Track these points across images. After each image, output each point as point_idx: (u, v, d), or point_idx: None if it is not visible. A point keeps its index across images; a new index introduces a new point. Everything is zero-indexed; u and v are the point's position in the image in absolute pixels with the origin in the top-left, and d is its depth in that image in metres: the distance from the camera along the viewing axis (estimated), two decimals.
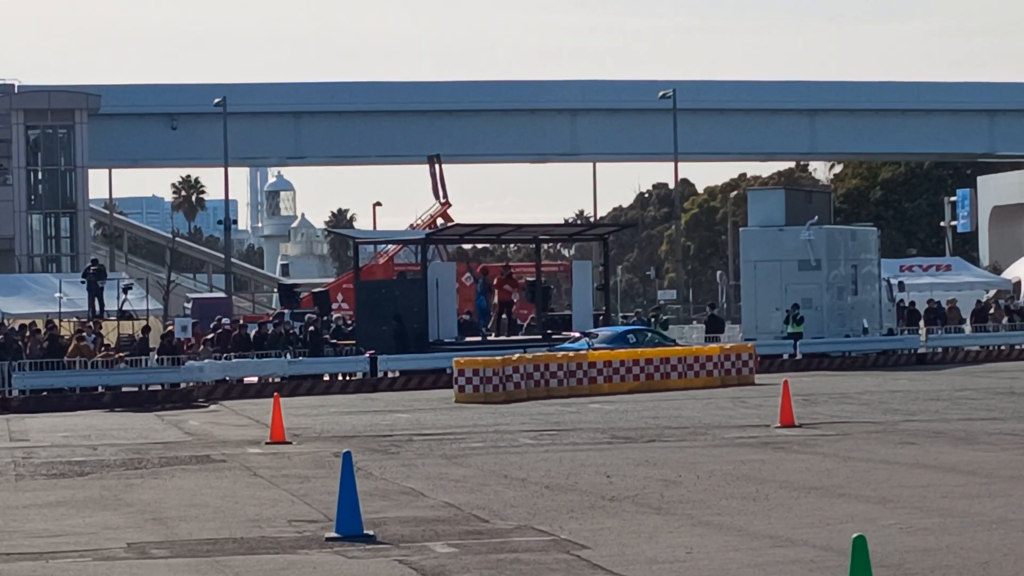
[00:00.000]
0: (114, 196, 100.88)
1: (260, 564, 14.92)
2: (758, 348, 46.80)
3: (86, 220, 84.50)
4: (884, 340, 54.55)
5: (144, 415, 38.32)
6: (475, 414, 34.38)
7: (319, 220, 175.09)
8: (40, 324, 46.91)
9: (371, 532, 16.31)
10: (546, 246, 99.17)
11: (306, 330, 49.04)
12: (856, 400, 35.67)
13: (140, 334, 46.08)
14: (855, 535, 10.34)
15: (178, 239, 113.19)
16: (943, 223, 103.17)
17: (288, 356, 46.71)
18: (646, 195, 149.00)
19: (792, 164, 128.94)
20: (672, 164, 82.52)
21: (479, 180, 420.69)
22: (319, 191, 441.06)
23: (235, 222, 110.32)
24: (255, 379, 45.87)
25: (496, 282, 53.35)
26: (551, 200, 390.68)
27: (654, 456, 24.03)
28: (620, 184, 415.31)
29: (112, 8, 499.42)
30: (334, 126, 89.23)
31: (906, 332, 56.27)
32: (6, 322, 48.16)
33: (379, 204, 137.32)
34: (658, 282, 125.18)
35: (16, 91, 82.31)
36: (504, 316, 52.60)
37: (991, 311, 59.30)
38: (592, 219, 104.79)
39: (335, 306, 65.02)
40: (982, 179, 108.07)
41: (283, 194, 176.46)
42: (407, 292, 51.33)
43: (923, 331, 56.61)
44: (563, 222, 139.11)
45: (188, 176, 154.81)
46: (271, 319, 56.28)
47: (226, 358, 45.94)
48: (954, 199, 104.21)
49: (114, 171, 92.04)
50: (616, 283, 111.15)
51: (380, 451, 26.11)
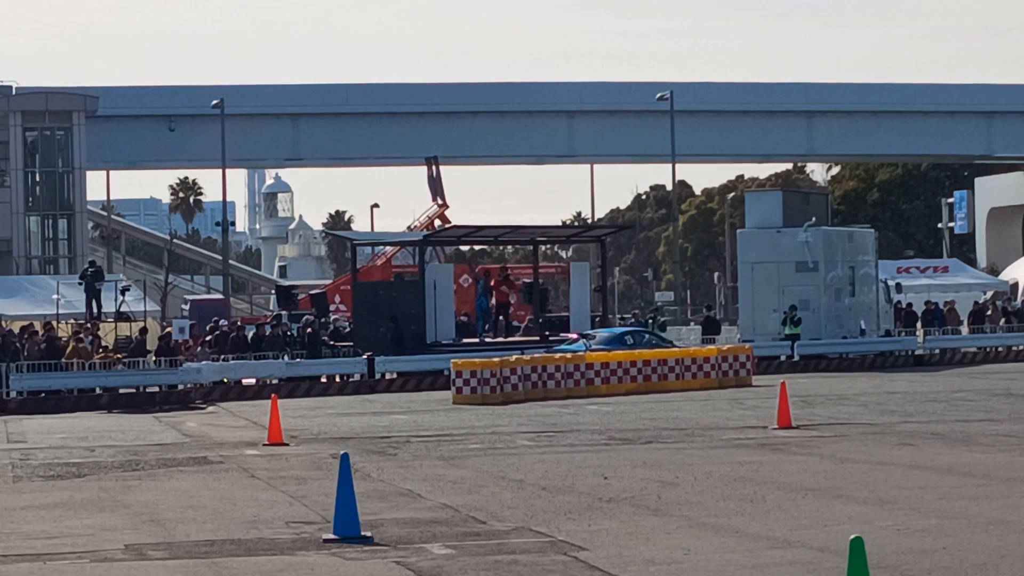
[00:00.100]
0: (112, 198, 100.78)
1: (257, 566, 14.92)
2: (755, 349, 46.77)
3: (84, 222, 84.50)
4: (881, 342, 54.56)
5: (142, 417, 38.31)
6: (473, 415, 34.39)
7: (317, 222, 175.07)
8: (38, 326, 46.88)
9: (368, 534, 16.32)
10: (543, 248, 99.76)
11: (304, 332, 49.04)
12: (853, 401, 35.67)
13: (137, 335, 46.05)
14: (852, 536, 10.35)
15: (176, 241, 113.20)
16: (940, 225, 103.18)
17: (286, 358, 46.72)
18: (643, 197, 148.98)
19: (789, 166, 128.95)
20: (670, 166, 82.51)
21: (477, 182, 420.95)
22: (317, 193, 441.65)
23: (233, 224, 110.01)
24: (253, 381, 45.88)
25: (493, 283, 53.33)
26: (549, 202, 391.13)
27: (651, 457, 24.03)
28: (617, 186, 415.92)
29: (110, 10, 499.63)
30: (332, 128, 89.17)
31: (903, 334, 56.29)
32: (4, 324, 48.13)
33: (377, 206, 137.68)
34: (655, 284, 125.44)
35: (14, 93, 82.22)
36: (501, 318, 52.59)
37: (988, 313, 59.31)
38: (589, 221, 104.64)
39: (333, 308, 65.00)
40: (979, 181, 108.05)
41: (281, 196, 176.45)
42: (405, 294, 51.35)
43: (920, 333, 56.62)
44: (560, 224, 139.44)
45: (186, 178, 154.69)
46: (269, 321, 56.30)
47: (224, 360, 45.93)
48: (951, 201, 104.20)
49: (112, 173, 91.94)
50: (613, 285, 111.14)
51: (378, 452, 26.11)
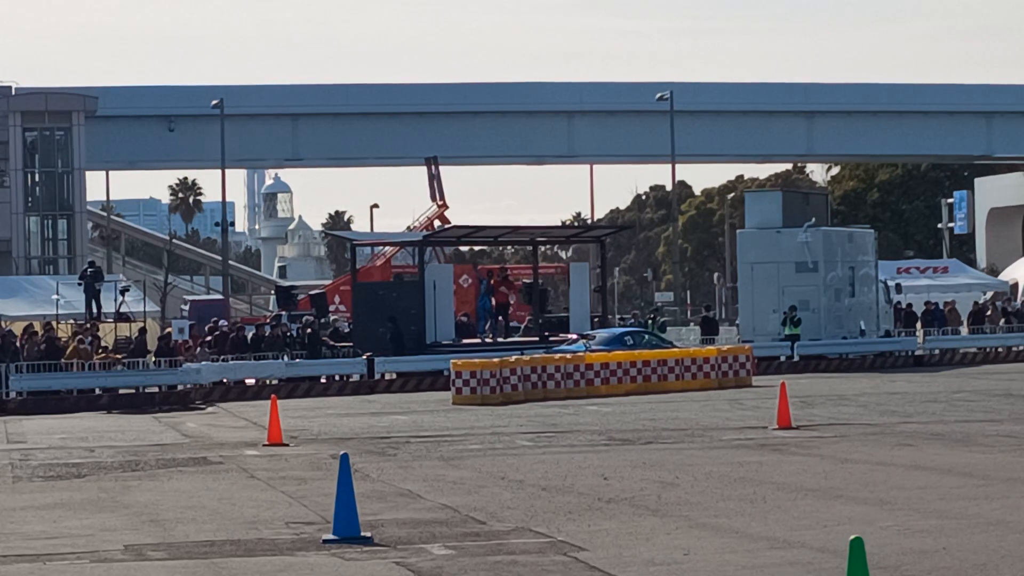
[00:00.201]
0: (111, 198, 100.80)
1: (257, 566, 14.91)
2: (755, 350, 46.76)
3: (83, 222, 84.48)
4: (881, 342, 54.55)
5: (141, 417, 38.31)
6: (472, 416, 34.38)
7: (316, 222, 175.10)
8: (38, 326, 46.86)
9: (368, 534, 16.31)
10: (543, 248, 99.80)
11: (303, 332, 49.03)
12: (853, 402, 35.66)
13: (136, 335, 46.03)
14: (852, 537, 10.35)
15: (175, 241, 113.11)
16: (940, 225, 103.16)
17: (285, 358, 46.72)
18: (643, 197, 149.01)
19: (789, 166, 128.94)
20: (669, 166, 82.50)
21: (476, 182, 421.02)
22: (316, 193, 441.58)
23: (232, 224, 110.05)
24: (252, 381, 45.88)
25: (493, 284, 53.34)
26: (548, 202, 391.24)
27: (651, 458, 24.02)
28: (617, 186, 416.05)
29: (110, 10, 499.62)
30: (331, 128, 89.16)
31: (903, 334, 56.29)
32: (3, 324, 48.12)
33: (376, 206, 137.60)
34: (655, 284, 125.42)
35: (13, 93, 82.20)
36: (500, 318, 52.59)
37: (988, 313, 59.31)
38: (589, 221, 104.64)
39: (332, 308, 65.00)
40: (979, 181, 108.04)
41: (280, 196, 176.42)
42: (404, 294, 51.34)
43: (920, 333, 56.62)
44: (560, 224, 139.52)
45: (185, 178, 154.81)
46: (268, 321, 56.30)
47: (223, 360, 45.93)
48: (951, 201, 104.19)
49: (111, 173, 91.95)
50: (613, 285, 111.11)
51: (377, 453, 26.10)
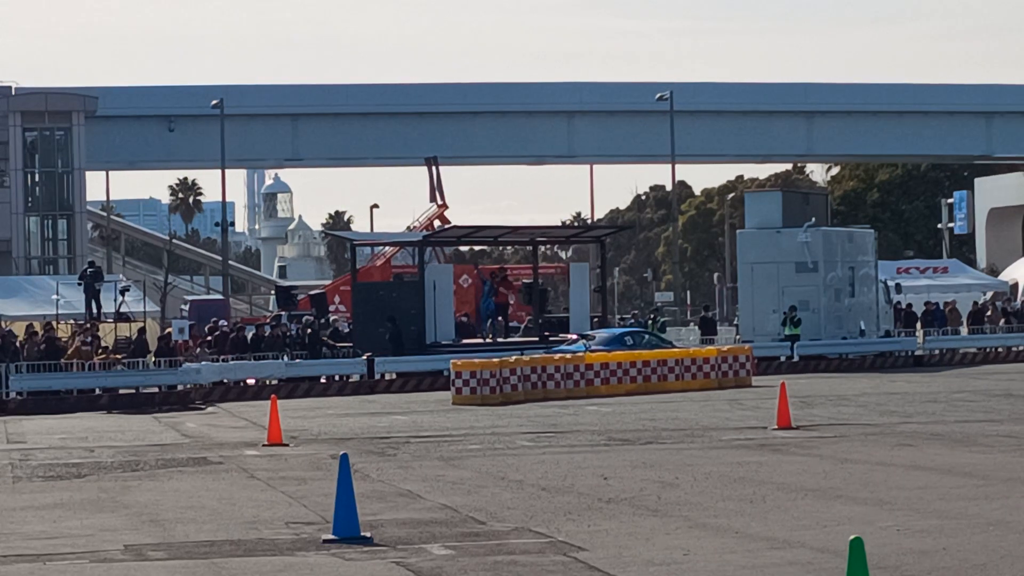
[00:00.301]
0: (111, 198, 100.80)
1: (257, 566, 14.91)
2: (755, 350, 46.77)
3: (83, 222, 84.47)
4: (881, 342, 54.56)
5: (141, 417, 38.31)
6: (472, 416, 34.39)
7: (316, 222, 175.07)
8: (38, 326, 46.86)
9: (368, 534, 16.31)
10: (543, 248, 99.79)
11: (304, 332, 49.02)
12: (853, 402, 35.66)
13: (136, 335, 46.01)
14: (852, 537, 10.35)
15: (175, 241, 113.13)
16: (940, 225, 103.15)
17: (285, 358, 46.72)
18: (643, 197, 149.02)
19: (789, 166, 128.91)
20: (669, 166, 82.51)
21: (476, 182, 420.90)
22: (316, 193, 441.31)
23: (232, 224, 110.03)
24: (252, 381, 45.88)
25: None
26: (548, 202, 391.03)
27: (651, 458, 24.02)
28: (617, 186, 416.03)
29: (110, 10, 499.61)
30: (331, 128, 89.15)
31: (903, 334, 56.30)
32: (3, 324, 48.11)
33: (376, 206, 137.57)
34: (655, 284, 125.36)
35: (13, 93, 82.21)
36: (500, 318, 52.60)
37: (988, 313, 59.32)
38: (589, 221, 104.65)
39: (332, 308, 64.99)
40: (979, 181, 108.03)
41: (280, 196, 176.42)
42: (404, 294, 51.35)
43: (920, 333, 56.64)
44: (560, 224, 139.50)
45: (185, 178, 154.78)
46: (268, 321, 56.30)
47: (223, 360, 45.93)
48: (951, 201, 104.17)
49: (111, 173, 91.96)
50: (613, 285, 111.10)
51: (377, 453, 26.10)
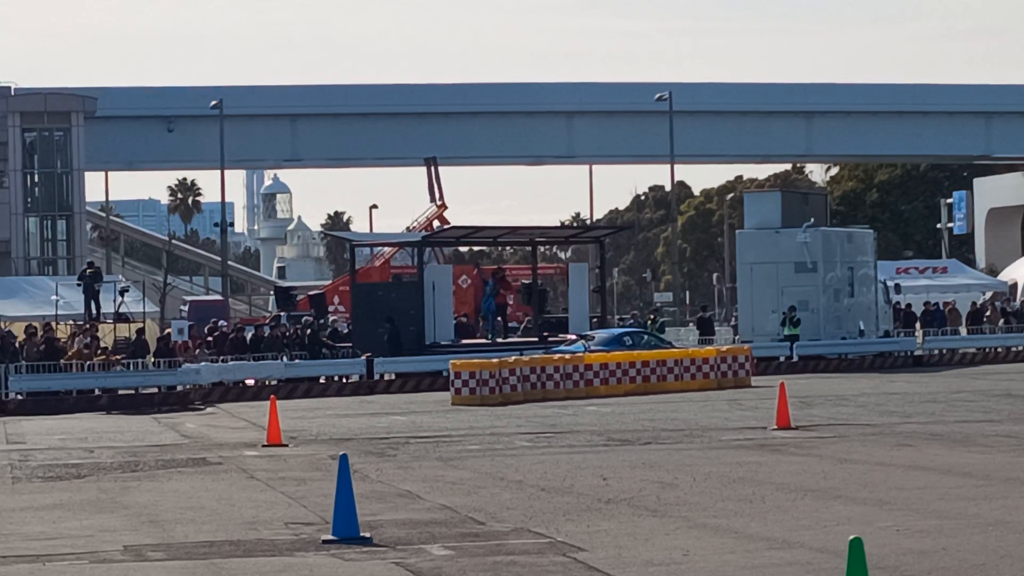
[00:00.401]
0: (110, 199, 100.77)
1: (256, 567, 14.90)
2: (754, 350, 46.78)
3: (82, 223, 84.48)
4: (880, 342, 54.57)
5: (141, 418, 38.30)
6: (472, 416, 34.38)
7: (315, 222, 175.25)
8: (38, 327, 46.83)
9: (367, 534, 16.30)
10: (542, 248, 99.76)
11: (303, 332, 49.01)
12: (853, 402, 35.66)
13: (134, 335, 45.99)
14: (852, 537, 10.34)
15: (174, 242, 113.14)
16: (939, 225, 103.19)
17: (285, 359, 46.71)
18: (642, 197, 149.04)
19: (788, 166, 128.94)
20: (668, 166, 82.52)
21: (475, 182, 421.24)
22: (315, 193, 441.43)
23: (231, 225, 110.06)
24: (252, 382, 45.87)
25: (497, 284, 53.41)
26: (547, 202, 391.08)
27: (650, 458, 24.02)
28: (616, 186, 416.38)
29: (109, 10, 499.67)
30: (330, 128, 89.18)
31: (902, 334, 56.30)
32: (3, 325, 48.10)
33: (375, 206, 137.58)
34: (654, 284, 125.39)
35: (12, 94, 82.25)
36: (499, 319, 52.63)
37: (987, 313, 59.33)
38: (588, 221, 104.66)
39: (331, 309, 65.01)
40: (978, 181, 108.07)
41: (279, 196, 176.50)
42: (404, 294, 51.34)
43: (919, 333, 56.65)
44: (559, 224, 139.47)
45: (184, 179, 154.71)
46: (268, 322, 56.29)
47: (223, 361, 45.93)
48: (950, 201, 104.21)
49: (110, 174, 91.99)
50: (612, 285, 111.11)
51: (376, 453, 26.10)
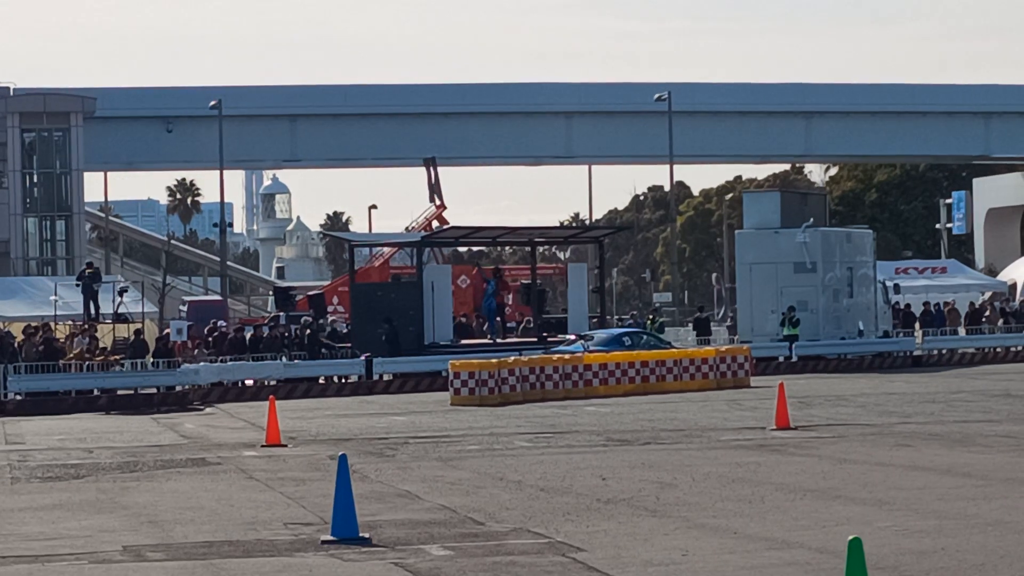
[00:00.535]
0: (109, 199, 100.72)
1: (256, 567, 14.90)
2: (754, 350, 46.77)
3: (81, 223, 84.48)
4: (880, 342, 54.58)
5: (140, 418, 38.30)
6: (471, 417, 34.38)
7: (314, 223, 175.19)
8: (37, 327, 46.80)
9: (367, 535, 16.30)
10: (541, 248, 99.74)
11: (302, 333, 49.02)
12: (852, 402, 35.66)
13: (133, 336, 46.00)
14: (851, 537, 10.34)
15: (173, 242, 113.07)
16: (938, 225, 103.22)
17: (284, 359, 46.70)
18: (641, 198, 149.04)
19: (787, 166, 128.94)
20: (667, 166, 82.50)
21: (474, 182, 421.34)
22: (314, 194, 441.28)
23: (230, 225, 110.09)
24: (251, 382, 45.88)
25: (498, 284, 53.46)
26: (546, 203, 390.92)
27: (650, 458, 24.02)
28: (615, 187, 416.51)
29: (109, 10, 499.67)
30: (329, 129, 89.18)
31: (902, 334, 56.31)
32: (2, 325, 48.10)
33: (374, 207, 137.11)
34: (653, 285, 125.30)
35: (11, 94, 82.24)
36: (498, 319, 52.65)
37: (986, 313, 59.35)
38: (587, 222, 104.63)
39: (331, 309, 64.99)
40: (977, 181, 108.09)
41: (278, 197, 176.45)
42: (403, 295, 51.35)
43: (919, 333, 56.66)
44: (558, 224, 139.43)
45: (183, 179, 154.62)
46: (267, 322, 56.29)
47: (222, 361, 45.93)
48: (949, 201, 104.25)
49: (109, 174, 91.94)
50: (611, 286, 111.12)
51: (376, 454, 26.10)
